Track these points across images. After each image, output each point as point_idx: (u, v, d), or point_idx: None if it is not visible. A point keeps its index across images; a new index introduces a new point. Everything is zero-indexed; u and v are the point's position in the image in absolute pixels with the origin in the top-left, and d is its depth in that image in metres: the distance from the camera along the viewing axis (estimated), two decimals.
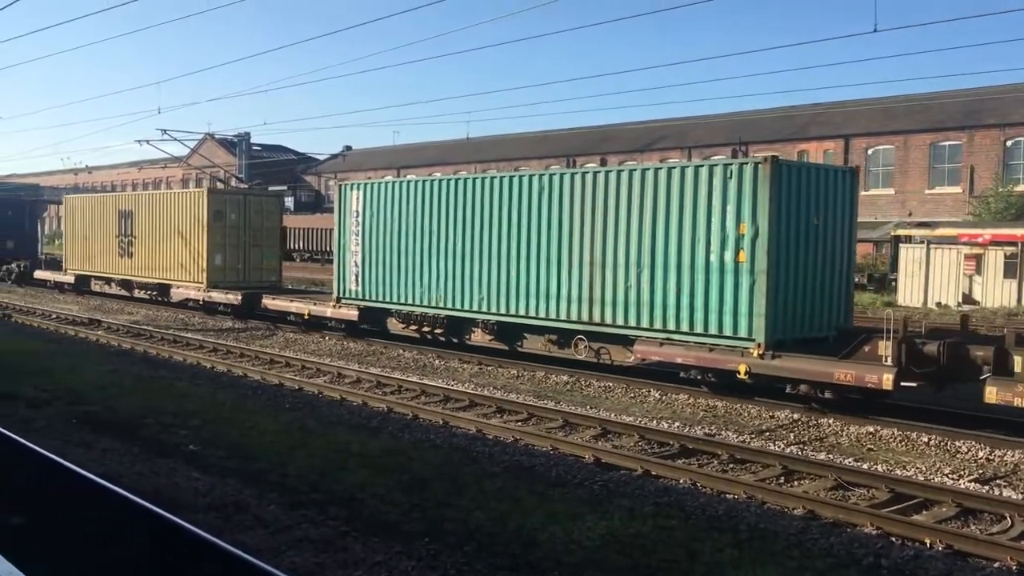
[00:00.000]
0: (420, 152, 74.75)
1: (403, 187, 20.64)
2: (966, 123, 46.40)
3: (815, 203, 14.89)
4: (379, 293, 21.00)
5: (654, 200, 15.58)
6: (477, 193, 18.69)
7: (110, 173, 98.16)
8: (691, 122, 55.85)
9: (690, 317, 15.09)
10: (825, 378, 13.44)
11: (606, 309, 16.35)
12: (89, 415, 12.70)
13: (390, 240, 20.64)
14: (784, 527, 8.32)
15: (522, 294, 17.80)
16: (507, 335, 18.69)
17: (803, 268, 14.78)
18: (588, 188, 16.66)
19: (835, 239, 15.31)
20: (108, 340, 21.92)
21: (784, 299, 14.44)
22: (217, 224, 27.85)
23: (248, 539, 7.45)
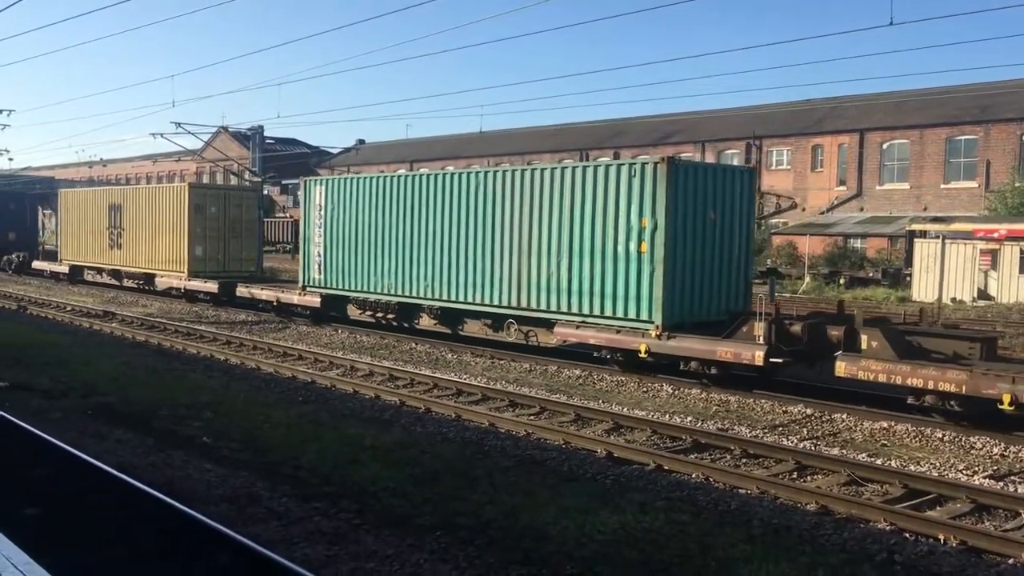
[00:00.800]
0: (432, 146, 74.81)
1: (359, 183, 22.27)
2: (982, 117, 46.09)
3: (712, 200, 16.39)
4: (339, 281, 22.64)
5: (571, 196, 17.06)
6: (422, 189, 20.25)
7: (124, 166, 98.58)
8: (704, 116, 55.73)
9: (601, 302, 16.60)
10: (710, 356, 14.97)
11: (532, 295, 17.89)
12: (104, 406, 12.78)
13: (348, 232, 22.22)
14: (797, 522, 8.29)
15: (461, 282, 19.33)
16: (450, 319, 20.25)
17: (700, 258, 16.25)
18: (517, 185, 18.12)
19: (732, 233, 16.81)
20: (122, 332, 22.03)
21: (681, 286, 15.95)
22: (198, 217, 29.32)
23: (261, 531, 7.48)
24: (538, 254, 17.69)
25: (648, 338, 15.68)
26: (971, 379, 12.14)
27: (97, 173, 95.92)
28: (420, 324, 21.01)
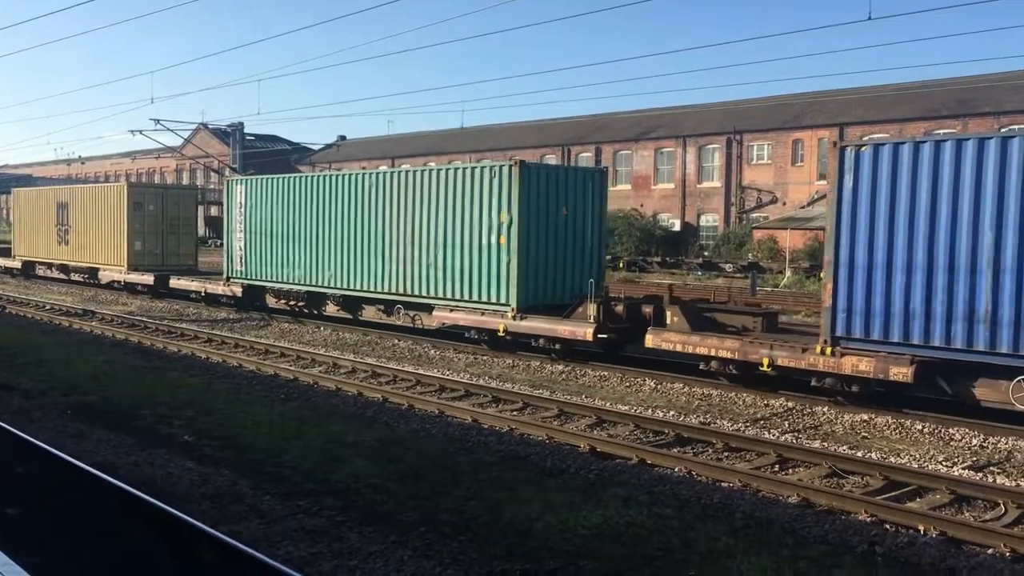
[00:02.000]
0: (414, 141, 74.64)
1: (274, 183, 24.51)
2: (961, 111, 46.44)
3: (565, 197, 18.52)
4: (258, 273, 24.96)
5: (446, 195, 19.15)
6: (326, 189, 22.45)
7: (103, 163, 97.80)
8: (685, 111, 55.82)
9: (470, 288, 18.75)
10: (553, 333, 17.25)
11: (415, 283, 20.02)
12: (84, 406, 12.69)
13: (265, 228, 24.51)
14: (779, 515, 8.34)
15: (359, 272, 21.46)
16: (350, 306, 22.47)
17: (553, 248, 18.39)
18: (402, 185, 20.24)
19: (585, 226, 18.97)
20: (103, 331, 21.88)
21: (535, 273, 18.08)
22: (137, 214, 31.22)
23: (243, 529, 7.45)
24: (419, 246, 19.80)
25: (506, 319, 17.91)
26: (742, 346, 14.32)
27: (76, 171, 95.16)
28: (326, 311, 23.22)
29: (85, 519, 7.33)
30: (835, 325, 13.25)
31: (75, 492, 7.84)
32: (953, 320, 12.14)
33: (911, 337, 12.52)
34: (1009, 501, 8.79)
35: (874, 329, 12.87)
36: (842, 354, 13.09)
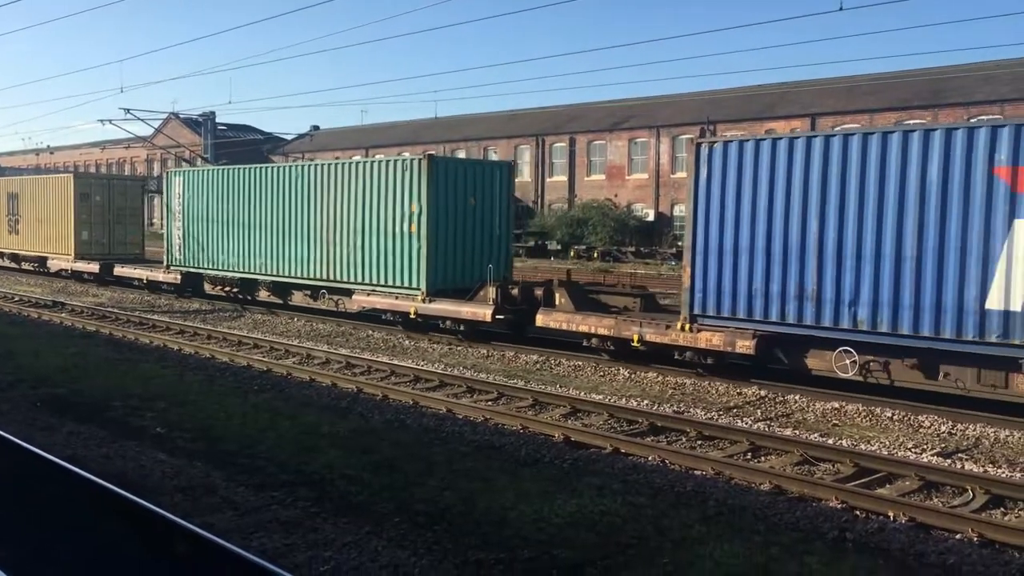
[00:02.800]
0: (388, 131, 74.33)
1: (210, 175, 25.79)
2: (932, 101, 46.88)
3: (472, 189, 19.87)
4: (195, 261, 26.16)
5: (364, 186, 20.45)
6: (257, 180, 23.67)
7: (72, 153, 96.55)
8: (659, 101, 56.00)
9: (385, 274, 20.06)
10: (457, 315, 18.56)
11: (338, 269, 21.31)
12: (54, 398, 12.56)
13: (201, 217, 25.67)
14: (751, 502, 8.41)
15: (288, 260, 22.75)
16: (280, 291, 23.73)
17: (461, 236, 19.71)
18: (326, 177, 21.52)
19: (492, 215, 20.33)
20: (73, 323, 21.65)
21: (444, 259, 19.36)
22: (83, 205, 32.35)
23: (216, 521, 7.41)
24: (340, 235, 21.13)
25: (416, 302, 19.25)
26: (616, 324, 15.74)
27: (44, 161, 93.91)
28: (259, 296, 24.55)
29: (54, 513, 7.26)
30: (693, 304, 14.73)
31: (45, 486, 7.76)
32: (787, 299, 13.68)
33: (754, 314, 14.05)
34: (977, 487, 8.91)
35: (724, 307, 14.38)
36: (698, 330, 14.61)
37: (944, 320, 12.20)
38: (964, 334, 12.04)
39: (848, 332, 13.09)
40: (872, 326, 12.85)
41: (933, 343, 12.35)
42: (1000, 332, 11.73)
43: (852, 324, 13.03)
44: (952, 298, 12.11)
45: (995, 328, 11.77)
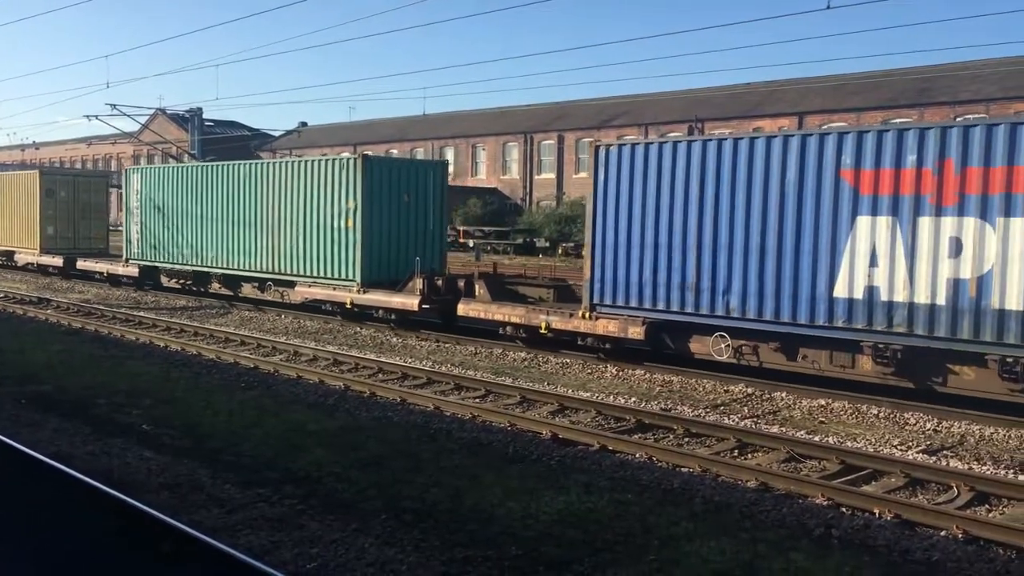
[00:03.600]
0: (376, 128, 74.14)
1: (165, 172, 27.22)
2: (918, 100, 47.07)
3: (406, 186, 21.16)
4: (152, 254, 27.53)
5: (305, 184, 21.86)
6: (209, 178, 24.99)
7: (58, 149, 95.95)
8: (647, 99, 56.01)
9: (325, 266, 21.41)
10: (388, 305, 19.81)
11: (283, 262, 22.70)
12: (39, 395, 12.48)
13: (157, 213, 27.06)
14: (738, 499, 8.44)
15: (238, 253, 24.03)
16: (231, 284, 25.19)
17: (395, 231, 20.97)
18: (271, 175, 22.91)
19: (427, 211, 21.64)
20: (58, 319, 21.54)
21: (378, 253, 20.62)
22: (49, 200, 33.44)
23: (203, 518, 7.39)
24: (285, 230, 22.48)
25: (352, 293, 20.56)
26: (527, 313, 17.06)
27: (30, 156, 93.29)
28: (211, 288, 26.13)
29: (39, 510, 7.22)
30: (593, 294, 16.06)
31: (29, 482, 7.73)
32: (671, 288, 14.98)
33: (644, 303, 15.36)
34: (961, 484, 8.97)
35: (619, 297, 15.70)
36: (597, 318, 15.95)
37: (800, 307, 13.49)
38: (816, 319, 13.33)
39: (722, 319, 14.38)
40: (741, 313, 14.14)
41: (792, 328, 13.62)
42: (845, 317, 13.06)
43: (725, 311, 14.33)
44: (807, 287, 13.39)
45: (841, 314, 13.08)
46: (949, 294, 12.14)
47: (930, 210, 12.32)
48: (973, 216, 11.97)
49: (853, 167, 12.94)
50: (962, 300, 12.03)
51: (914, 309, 12.45)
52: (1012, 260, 11.66)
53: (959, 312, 12.06)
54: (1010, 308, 11.65)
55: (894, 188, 12.60)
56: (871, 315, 12.81)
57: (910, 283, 12.48)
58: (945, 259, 12.20)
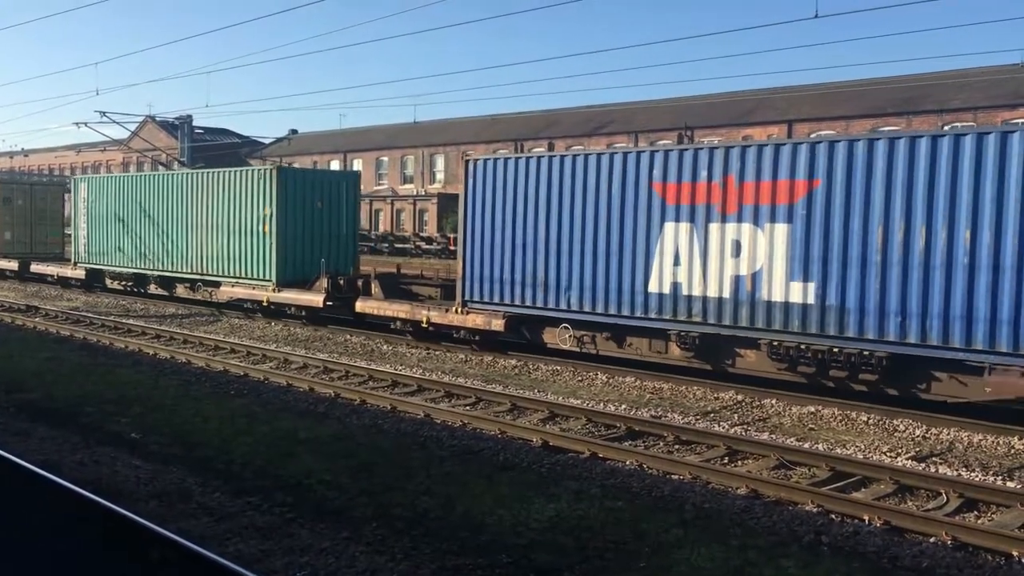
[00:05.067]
0: (366, 136, 74.12)
1: (108, 181, 29.66)
2: (905, 109, 47.31)
3: (320, 194, 23.33)
4: (97, 258, 29.51)
5: (228, 192, 23.93)
6: (145, 187, 27.19)
7: (47, 156, 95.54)
8: (638, 107, 56.18)
9: (246, 267, 23.46)
10: (298, 302, 21.94)
11: (209, 264, 24.70)
12: (27, 403, 12.41)
13: (102, 220, 29.01)
14: (728, 506, 8.45)
15: (171, 257, 26.11)
16: (166, 285, 27.08)
17: (308, 236, 22.99)
18: (198, 184, 25.05)
19: (340, 218, 23.87)
20: (46, 327, 21.44)
21: (292, 255, 22.66)
22: (6, 207, 35.44)
23: (192, 527, 7.36)
24: (211, 235, 24.43)
25: (268, 292, 22.62)
26: (411, 309, 19.04)
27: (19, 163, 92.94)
28: (150, 289, 27.93)
29: (29, 520, 7.17)
30: (465, 291, 17.95)
31: (17, 491, 7.68)
32: (526, 286, 16.94)
33: (505, 299, 17.29)
34: (950, 490, 9.01)
35: (485, 294, 17.59)
36: (468, 312, 17.84)
37: (623, 302, 15.52)
38: (636, 312, 15.39)
39: (566, 312, 16.38)
40: (580, 307, 16.15)
41: (619, 320, 15.67)
42: (657, 309, 15.12)
43: (568, 306, 16.33)
44: (628, 284, 15.46)
45: (654, 307, 15.16)
46: (732, 288, 14.21)
47: (717, 217, 14.37)
48: (748, 223, 14.06)
49: (662, 180, 14.99)
50: (742, 293, 14.10)
51: (707, 302, 14.51)
52: (776, 259, 13.75)
53: (739, 303, 14.12)
54: (775, 300, 13.73)
55: (692, 199, 14.65)
56: (676, 307, 14.89)
57: (704, 279, 14.57)
58: (729, 259, 14.27)
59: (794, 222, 13.53)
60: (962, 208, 12.05)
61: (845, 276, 13.04)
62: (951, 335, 12.10)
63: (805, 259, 13.41)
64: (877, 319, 12.75)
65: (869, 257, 12.83)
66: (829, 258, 13.20)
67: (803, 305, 13.42)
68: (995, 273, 11.79)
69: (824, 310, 13.23)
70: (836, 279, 13.12)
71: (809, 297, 13.37)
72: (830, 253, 13.19)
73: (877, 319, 12.75)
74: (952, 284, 12.11)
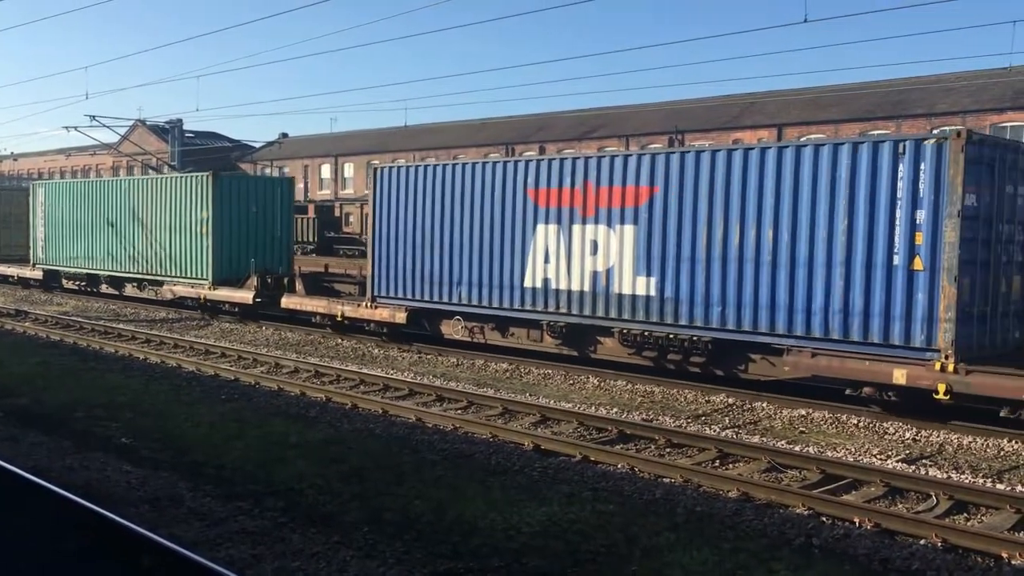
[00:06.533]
0: (357, 139, 74.01)
1: (63, 186, 31.80)
2: (894, 112, 47.49)
3: (256, 199, 25.10)
4: (54, 259, 31.34)
5: (168, 197, 25.74)
6: (96, 192, 29.10)
7: (36, 160, 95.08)
8: (628, 111, 56.22)
9: (185, 267, 25.06)
10: (231, 299, 23.40)
11: (154, 265, 26.33)
12: (17, 408, 12.36)
13: (58, 223, 30.80)
14: (719, 509, 8.46)
15: (119, 258, 27.73)
16: (116, 284, 28.82)
17: (244, 238, 24.59)
18: (141, 189, 26.93)
19: (275, 221, 25.59)
20: (36, 332, 21.35)
21: (228, 255, 24.18)
22: None
23: (183, 532, 7.33)
24: (154, 237, 26.14)
25: (205, 290, 24.17)
26: (328, 304, 20.76)
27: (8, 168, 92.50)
28: (101, 289, 29.54)
29: (19, 526, 7.14)
30: (374, 287, 19.61)
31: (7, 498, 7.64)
32: (425, 282, 18.44)
33: (407, 294, 18.86)
34: (940, 492, 9.04)
35: (391, 289, 19.19)
36: (376, 307, 19.46)
37: (504, 296, 17.06)
38: (515, 305, 16.93)
39: (459, 305, 17.88)
40: (470, 301, 17.64)
41: (502, 312, 17.19)
42: (532, 302, 16.67)
43: (460, 300, 17.83)
44: (508, 279, 17.00)
45: (529, 300, 16.72)
46: (591, 283, 15.84)
47: (579, 220, 16.01)
48: (604, 224, 15.69)
49: (535, 187, 16.60)
50: (599, 287, 15.73)
51: (572, 295, 16.11)
52: (625, 257, 15.35)
53: (597, 296, 15.76)
54: (625, 293, 15.38)
55: (559, 203, 16.26)
56: (546, 300, 16.48)
57: (568, 275, 16.16)
58: (588, 256, 15.91)
59: (639, 224, 15.19)
60: (766, 211, 13.69)
61: (679, 271, 14.71)
62: (759, 322, 13.77)
63: (648, 256, 15.08)
64: (703, 309, 14.42)
65: (697, 254, 14.48)
66: (666, 255, 14.86)
67: (647, 297, 15.11)
68: (791, 268, 13.44)
69: (663, 301, 14.91)
70: (672, 274, 14.80)
71: (651, 290, 15.06)
72: (667, 251, 14.85)
73: (703, 309, 14.42)
74: (759, 277, 13.76)
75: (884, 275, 12.55)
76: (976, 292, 12.37)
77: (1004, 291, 12.96)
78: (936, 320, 12.06)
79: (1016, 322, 13.35)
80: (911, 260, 12.41)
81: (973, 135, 12.28)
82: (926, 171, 12.23)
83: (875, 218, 12.66)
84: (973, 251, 12.22)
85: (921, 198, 12.26)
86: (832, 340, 12.99)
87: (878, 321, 12.59)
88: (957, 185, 11.92)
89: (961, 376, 11.82)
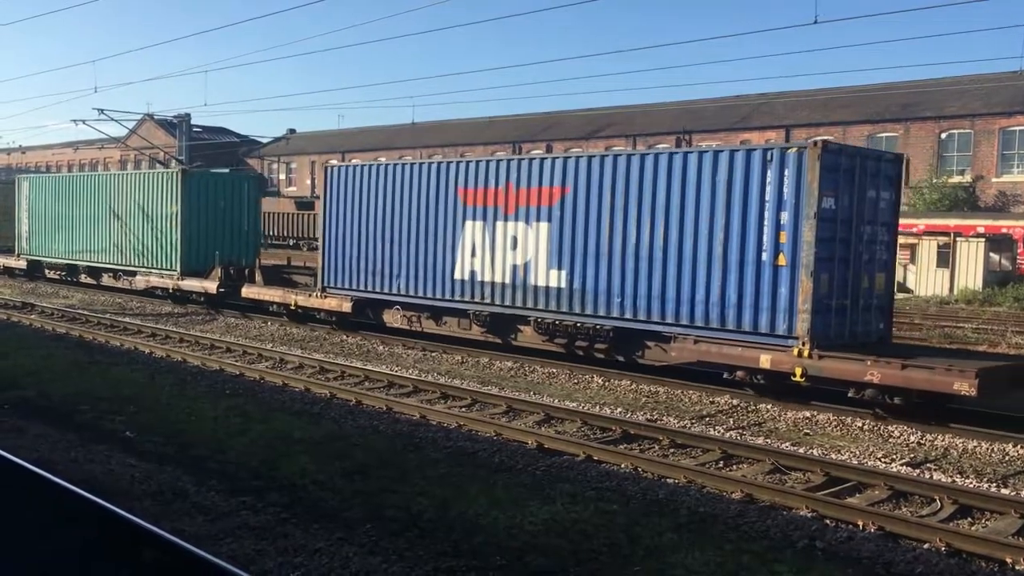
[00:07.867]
0: (364, 136, 74.07)
1: (45, 180, 33.70)
2: (903, 115, 47.36)
3: (223, 194, 26.68)
4: (37, 250, 32.91)
5: (140, 192, 27.44)
6: (75, 186, 30.79)
7: (44, 154, 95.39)
8: (637, 110, 56.18)
9: (156, 259, 26.67)
10: (199, 288, 24.84)
11: (128, 257, 27.90)
12: (22, 401, 12.39)
13: (41, 215, 32.42)
14: (723, 511, 8.45)
15: (97, 249, 29.31)
16: (94, 274, 30.37)
17: (211, 231, 26.14)
18: (116, 184, 28.78)
19: (242, 215, 27.09)
20: (42, 324, 21.40)
21: (196, 248, 25.76)
22: None
23: (186, 526, 7.34)
24: (128, 229, 27.64)
25: (173, 280, 25.75)
26: (283, 294, 22.13)
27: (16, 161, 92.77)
28: (80, 279, 31.00)
29: (23, 518, 7.16)
30: (324, 278, 20.92)
31: (11, 490, 7.66)
32: (369, 274, 19.79)
33: (353, 285, 20.20)
34: (945, 497, 9.01)
35: (339, 281, 20.51)
36: (326, 297, 20.78)
37: (438, 286, 18.35)
38: (446, 296, 18.24)
39: (398, 296, 19.25)
40: (408, 292, 18.99)
41: (435, 302, 18.54)
42: (461, 293, 17.96)
43: (399, 291, 19.16)
44: (441, 272, 18.27)
45: (458, 291, 18.00)
46: (511, 275, 17.07)
47: (502, 217, 17.20)
48: (523, 221, 16.91)
49: (464, 186, 17.83)
50: (517, 279, 16.97)
51: (495, 286, 17.34)
52: (540, 251, 16.63)
53: (516, 288, 16.99)
54: (540, 284, 16.65)
55: (484, 201, 17.45)
56: (473, 291, 17.68)
57: (492, 268, 17.35)
58: (509, 251, 17.11)
59: (552, 221, 16.42)
60: (659, 211, 14.95)
61: (585, 265, 15.95)
62: (652, 311, 15.09)
63: (559, 251, 16.29)
64: (606, 299, 15.72)
65: (600, 250, 15.74)
66: (575, 250, 16.08)
67: (558, 289, 16.38)
68: (679, 263, 14.71)
69: (572, 293, 16.17)
70: (580, 268, 16.02)
71: (562, 282, 16.32)
72: (576, 246, 16.07)
73: (606, 299, 15.72)
74: (652, 272, 15.07)
75: (754, 270, 13.85)
76: (835, 286, 13.51)
77: (866, 287, 14.11)
78: (796, 311, 13.30)
79: (879, 315, 14.51)
80: (776, 257, 13.66)
81: (830, 145, 13.58)
82: (789, 177, 13.45)
83: (747, 219, 13.90)
84: (831, 249, 13.38)
85: (785, 201, 13.51)
86: (712, 328, 14.31)
87: (749, 312, 13.90)
88: (814, 190, 13.12)
89: (815, 361, 12.99)
